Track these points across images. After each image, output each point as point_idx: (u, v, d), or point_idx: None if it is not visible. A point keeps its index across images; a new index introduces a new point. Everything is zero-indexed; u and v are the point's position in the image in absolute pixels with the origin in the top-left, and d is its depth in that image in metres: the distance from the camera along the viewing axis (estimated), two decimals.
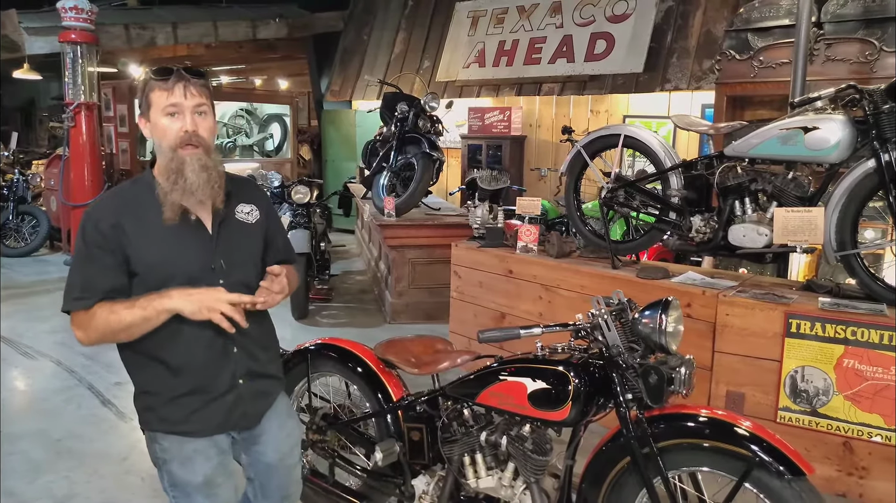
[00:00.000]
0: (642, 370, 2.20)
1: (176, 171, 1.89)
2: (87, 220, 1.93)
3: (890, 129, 3.18)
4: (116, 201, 1.97)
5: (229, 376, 2.04)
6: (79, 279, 1.91)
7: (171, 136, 1.90)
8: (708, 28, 7.76)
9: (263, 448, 2.21)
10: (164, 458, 2.04)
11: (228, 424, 2.08)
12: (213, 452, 2.06)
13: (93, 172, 8.69)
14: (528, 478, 2.41)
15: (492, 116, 9.56)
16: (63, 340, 5.63)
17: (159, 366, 1.99)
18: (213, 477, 2.05)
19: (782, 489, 2.06)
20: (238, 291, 1.94)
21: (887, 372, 3.18)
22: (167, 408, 2.00)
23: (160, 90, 1.91)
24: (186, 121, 1.90)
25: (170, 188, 1.90)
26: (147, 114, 1.95)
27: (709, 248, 3.80)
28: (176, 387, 1.99)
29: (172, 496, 2.08)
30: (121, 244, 1.90)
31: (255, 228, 2.13)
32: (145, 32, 9.88)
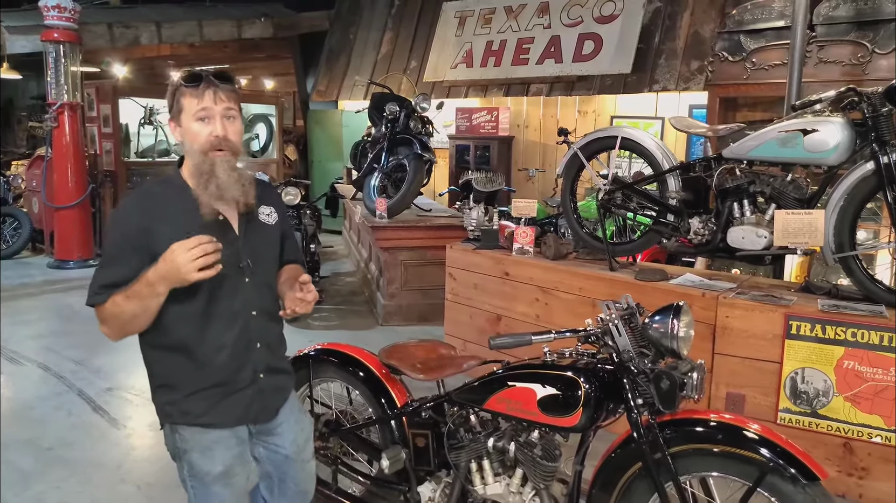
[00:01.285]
0: (654, 375, 2.18)
1: (207, 173, 1.96)
2: (116, 221, 2.04)
3: (888, 132, 3.20)
4: (146, 203, 2.03)
5: (251, 370, 2.11)
6: (101, 276, 1.98)
7: (201, 140, 1.97)
8: (695, 29, 7.80)
9: (281, 440, 2.25)
10: (183, 449, 2.09)
11: (248, 417, 2.14)
12: (234, 442, 2.12)
13: (76, 173, 8.59)
14: (538, 484, 2.39)
15: (479, 117, 9.55)
16: (49, 345, 5.54)
17: (184, 361, 2.04)
18: (231, 466, 2.10)
19: (796, 494, 2.06)
20: (262, 290, 2.13)
21: (887, 373, 3.20)
22: (189, 401, 2.06)
23: (191, 96, 1.97)
24: (216, 125, 1.98)
25: (202, 190, 1.97)
26: (178, 118, 2.01)
27: (707, 250, 3.80)
28: (199, 380, 2.05)
29: (191, 486, 2.11)
30: (148, 245, 1.94)
31: (274, 230, 2.22)
32: (129, 31, 9.76)
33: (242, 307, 2.07)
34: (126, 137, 9.95)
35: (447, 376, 2.69)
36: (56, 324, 6.16)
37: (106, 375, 4.92)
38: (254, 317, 2.11)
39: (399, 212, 6.23)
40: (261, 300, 2.14)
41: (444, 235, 5.93)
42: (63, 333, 5.89)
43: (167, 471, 3.52)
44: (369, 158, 6.69)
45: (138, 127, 10.20)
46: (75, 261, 8.58)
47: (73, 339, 5.71)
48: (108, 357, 5.35)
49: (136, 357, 5.43)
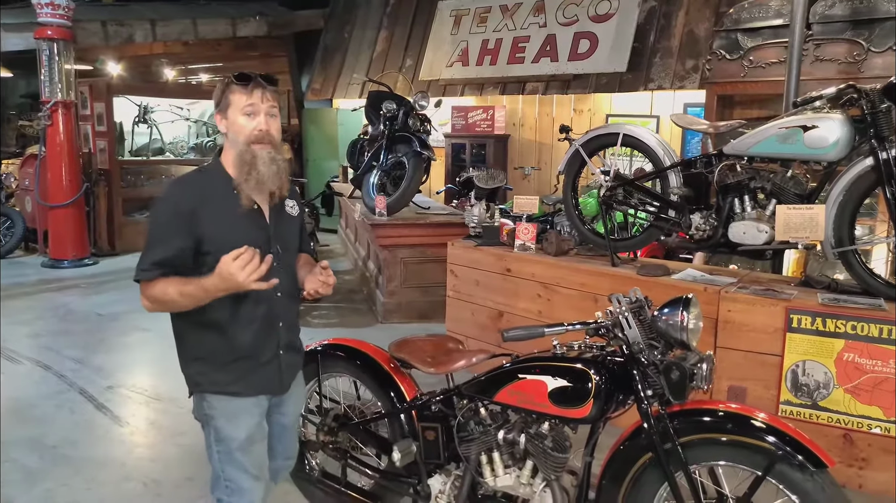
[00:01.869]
0: (664, 366, 2.21)
1: (249, 163, 2.15)
2: (166, 202, 2.19)
3: (887, 128, 3.25)
4: (193, 188, 2.21)
5: (274, 347, 2.33)
6: (150, 254, 2.14)
7: (246, 133, 2.16)
8: (690, 28, 7.85)
9: (286, 410, 2.49)
10: (210, 415, 2.28)
11: (269, 388, 2.35)
12: (256, 412, 2.32)
13: (71, 172, 8.56)
14: (549, 475, 2.42)
15: (475, 115, 9.58)
16: (48, 344, 5.53)
17: (217, 336, 2.23)
18: (253, 433, 2.30)
19: (805, 482, 2.09)
20: (286, 273, 2.33)
21: (886, 365, 3.25)
22: (219, 372, 2.26)
23: (240, 93, 2.17)
24: (261, 120, 2.17)
25: (243, 180, 2.16)
26: (225, 112, 2.20)
27: (709, 245, 3.84)
28: (229, 353, 2.25)
29: (217, 451, 2.30)
30: (194, 227, 2.13)
31: (296, 220, 2.44)
32: (123, 29, 9.73)
33: (271, 289, 2.18)
34: (120, 136, 9.90)
35: (457, 370, 2.71)
36: (53, 324, 6.15)
37: (106, 373, 4.92)
38: (278, 298, 2.30)
39: (398, 209, 6.25)
40: (285, 282, 2.31)
41: (444, 233, 5.95)
42: (61, 332, 5.88)
43: (173, 469, 3.56)
44: (368, 156, 6.70)
45: (132, 125, 10.14)
46: (70, 261, 8.56)
47: (72, 338, 5.71)
48: (107, 355, 5.36)
49: (135, 355, 5.45)
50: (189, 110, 10.84)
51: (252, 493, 2.31)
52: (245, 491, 2.29)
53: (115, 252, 9.36)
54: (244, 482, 2.29)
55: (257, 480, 2.33)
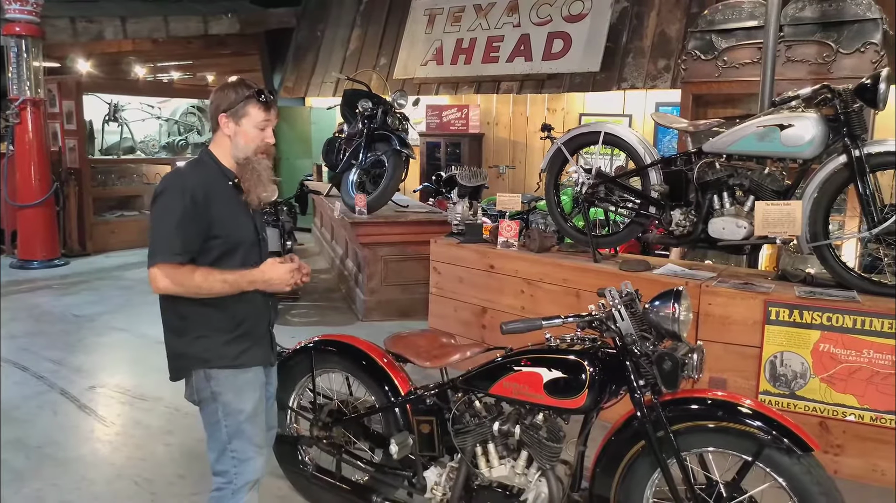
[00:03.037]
0: (656, 357, 2.28)
1: (254, 169, 2.41)
2: (180, 189, 2.30)
3: (859, 127, 3.39)
4: (200, 178, 2.37)
5: (267, 323, 2.57)
6: (174, 239, 2.26)
7: (256, 143, 2.41)
8: (662, 28, 8.01)
9: (272, 380, 2.68)
10: (218, 391, 2.42)
11: (265, 360, 2.56)
12: (258, 384, 2.51)
13: (40, 171, 8.43)
14: (544, 464, 2.48)
15: (450, 114, 9.64)
16: (24, 346, 5.45)
17: (223, 314, 2.40)
18: (258, 405, 2.49)
19: (792, 465, 2.18)
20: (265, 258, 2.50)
21: (860, 354, 3.38)
22: (226, 347, 2.42)
23: (260, 109, 2.39)
24: (269, 134, 2.44)
25: (252, 185, 2.41)
26: (238, 120, 2.39)
27: (689, 241, 3.95)
28: (234, 329, 2.43)
29: (225, 425, 2.43)
30: (208, 212, 2.31)
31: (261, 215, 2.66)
32: (93, 26, 9.59)
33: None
34: (90, 134, 9.75)
35: (453, 363, 2.76)
36: (28, 325, 6.05)
37: (87, 374, 4.87)
38: None
39: (378, 208, 6.27)
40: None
41: (424, 231, 6.00)
42: (36, 333, 5.80)
43: (163, 467, 3.55)
44: (347, 155, 6.70)
45: (103, 124, 10.00)
46: (39, 261, 8.42)
47: (48, 339, 5.64)
48: (86, 356, 5.31)
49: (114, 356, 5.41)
50: (160, 108, 10.73)
51: (257, 462, 2.47)
52: (251, 460, 2.45)
53: (85, 252, 9.23)
54: (250, 451, 2.45)
55: (261, 449, 2.51)
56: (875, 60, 4.88)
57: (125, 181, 10.18)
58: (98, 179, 9.74)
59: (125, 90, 10.51)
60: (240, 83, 2.43)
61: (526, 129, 9.43)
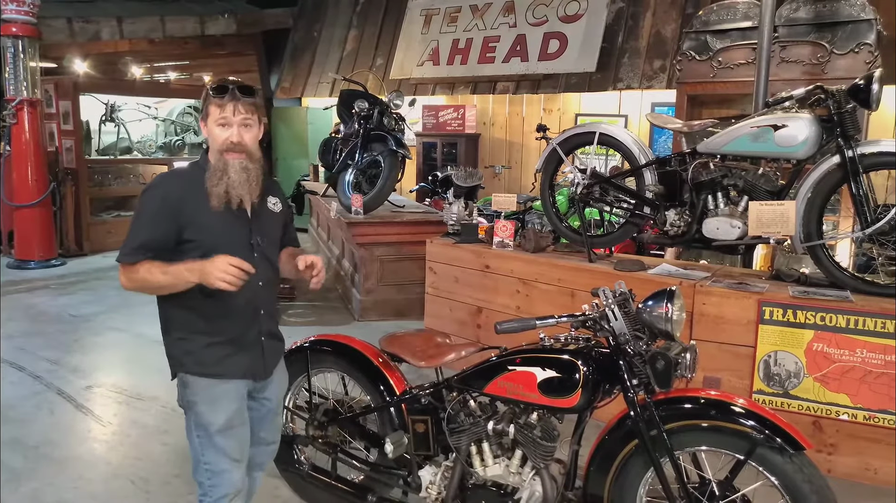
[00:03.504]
0: (650, 356, 2.30)
1: (221, 170, 2.29)
2: (155, 190, 2.31)
3: (852, 127, 3.40)
4: (181, 180, 2.36)
5: (256, 332, 2.44)
6: (135, 237, 2.26)
7: (219, 143, 2.30)
8: (657, 29, 8.03)
9: (269, 395, 2.57)
10: (193, 401, 2.37)
11: (251, 372, 2.44)
12: (235, 396, 2.40)
13: (37, 171, 8.43)
14: (538, 463, 2.50)
15: (446, 114, 9.66)
16: (21, 346, 5.45)
17: (201, 318, 2.35)
18: (232, 418, 2.38)
19: (784, 464, 2.20)
20: (266, 265, 2.44)
21: (853, 354, 3.40)
22: (206, 351, 2.35)
23: (215, 104, 2.28)
24: (233, 132, 2.29)
25: (216, 182, 2.28)
26: (205, 120, 2.34)
27: (683, 241, 3.96)
28: (213, 335, 2.36)
29: (196, 436, 2.39)
30: (179, 215, 2.26)
31: (279, 217, 2.56)
32: (90, 26, 9.59)
33: (252, 277, 2.27)
34: (87, 135, 9.75)
35: (448, 363, 2.77)
36: (25, 325, 6.05)
37: (84, 374, 4.88)
38: (260, 287, 2.41)
39: (374, 208, 6.29)
40: (266, 273, 2.44)
41: (420, 231, 6.01)
42: (33, 333, 5.80)
43: (159, 466, 3.56)
44: (343, 155, 6.72)
45: (99, 124, 10.00)
46: (36, 262, 8.41)
47: (45, 339, 5.64)
48: (83, 356, 5.31)
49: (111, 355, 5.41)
50: (157, 109, 10.73)
51: (232, 475, 2.40)
52: (224, 473, 2.39)
53: (82, 252, 9.22)
54: (223, 464, 2.38)
55: (237, 463, 2.41)
56: (869, 61, 4.90)
57: (122, 181, 10.17)
58: (95, 179, 9.73)
59: (122, 90, 10.50)
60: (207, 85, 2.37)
61: (522, 130, 9.45)
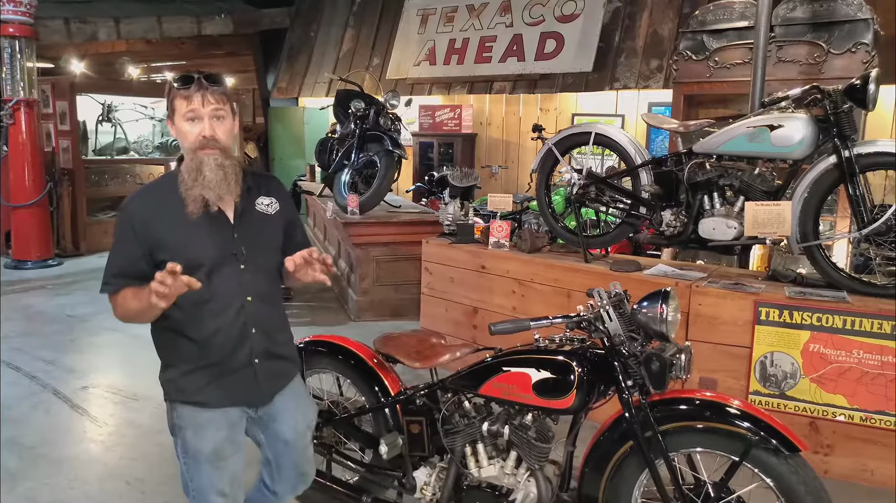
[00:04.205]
0: (644, 357, 2.29)
1: (196, 169, 2.08)
2: (122, 213, 2.15)
3: (849, 127, 3.39)
4: (151, 196, 2.18)
5: (246, 354, 2.19)
6: (110, 265, 2.13)
7: (190, 139, 2.09)
8: (654, 29, 8.02)
9: (281, 426, 2.34)
10: (179, 426, 2.20)
11: (241, 399, 2.23)
12: (223, 424, 2.20)
13: (34, 171, 8.42)
14: (533, 464, 2.49)
15: (443, 114, 9.65)
16: (17, 346, 5.44)
17: (184, 341, 2.16)
18: (221, 447, 2.19)
19: (779, 465, 2.19)
20: (260, 275, 2.21)
21: (850, 355, 3.39)
22: (185, 378, 2.17)
23: (182, 98, 2.08)
24: (205, 126, 2.08)
25: (191, 184, 2.08)
26: (172, 117, 2.13)
27: (679, 241, 3.95)
28: (195, 360, 2.16)
29: (184, 462, 2.23)
30: (148, 237, 2.09)
31: (275, 219, 2.29)
32: (86, 27, 9.57)
33: (236, 292, 2.14)
34: (84, 135, 9.74)
35: (442, 364, 2.76)
36: (21, 325, 6.04)
37: (80, 374, 4.87)
38: (249, 303, 2.18)
39: (370, 208, 6.28)
40: (257, 286, 2.20)
41: (416, 231, 6.00)
42: (29, 333, 5.79)
43: (155, 467, 3.56)
44: (339, 155, 6.71)
45: (96, 124, 10.00)
46: (33, 262, 8.40)
47: (41, 339, 5.63)
48: (79, 356, 5.30)
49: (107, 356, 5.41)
50: (153, 109, 10.71)
51: None
52: None
53: (79, 253, 9.21)
54: (211, 496, 2.20)
55: (223, 496, 2.21)
56: (866, 61, 4.90)
57: (119, 181, 10.14)
58: (91, 180, 9.70)
59: (119, 90, 10.50)
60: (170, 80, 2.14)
61: (519, 130, 9.45)
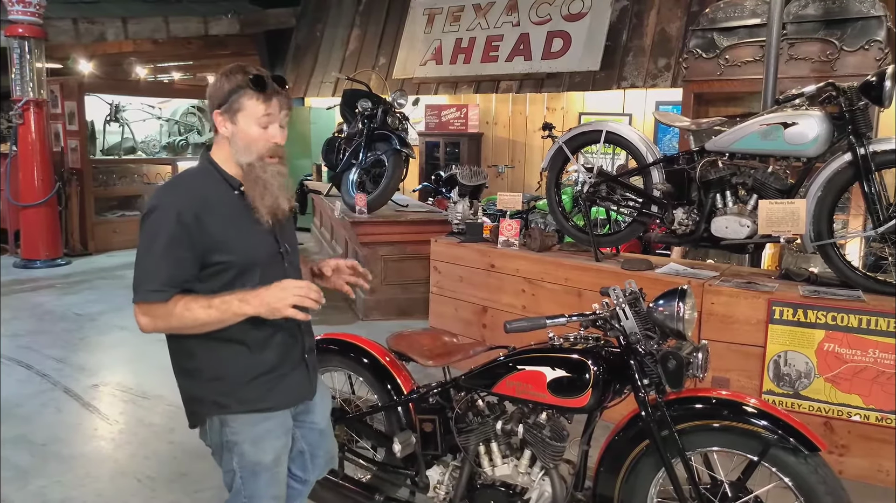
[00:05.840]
0: (661, 356, 2.27)
1: (263, 180, 2.00)
2: (165, 211, 1.93)
3: (864, 125, 3.36)
4: (192, 193, 2.00)
5: (300, 352, 2.20)
6: (156, 270, 1.91)
7: (260, 146, 2.00)
8: (662, 27, 7.99)
9: (316, 416, 2.37)
10: (234, 441, 2.10)
11: (300, 396, 2.24)
12: (282, 431, 2.18)
13: (43, 171, 8.45)
14: (547, 463, 2.47)
15: (449, 114, 9.64)
16: (27, 344, 5.44)
17: (239, 349, 2.05)
18: (280, 455, 2.18)
19: (798, 465, 2.17)
20: (296, 273, 2.20)
21: (865, 354, 3.36)
22: (246, 388, 2.08)
23: (256, 100, 1.96)
24: (277, 134, 2.03)
25: (259, 198, 2.01)
26: (233, 116, 1.99)
27: (691, 240, 3.93)
28: (255, 366, 2.08)
29: (240, 476, 2.13)
30: (201, 237, 1.94)
31: (291, 218, 2.30)
32: (94, 27, 9.60)
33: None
34: (92, 135, 9.78)
35: (456, 362, 2.75)
36: (31, 324, 6.05)
37: (90, 372, 4.87)
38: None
39: (378, 207, 6.27)
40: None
41: (424, 230, 6.00)
42: (39, 332, 5.80)
43: (166, 465, 3.55)
44: (347, 154, 6.70)
45: (104, 124, 10.04)
46: (42, 261, 8.43)
47: (51, 338, 5.64)
48: (89, 354, 5.31)
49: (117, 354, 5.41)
50: (161, 109, 10.75)
51: None
52: None
53: (87, 252, 9.25)
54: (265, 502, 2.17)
55: (277, 500, 2.21)
56: (879, 58, 4.86)
57: (126, 181, 10.18)
58: (99, 179, 9.75)
59: (126, 91, 10.54)
60: (235, 70, 1.98)
61: (525, 129, 9.43)
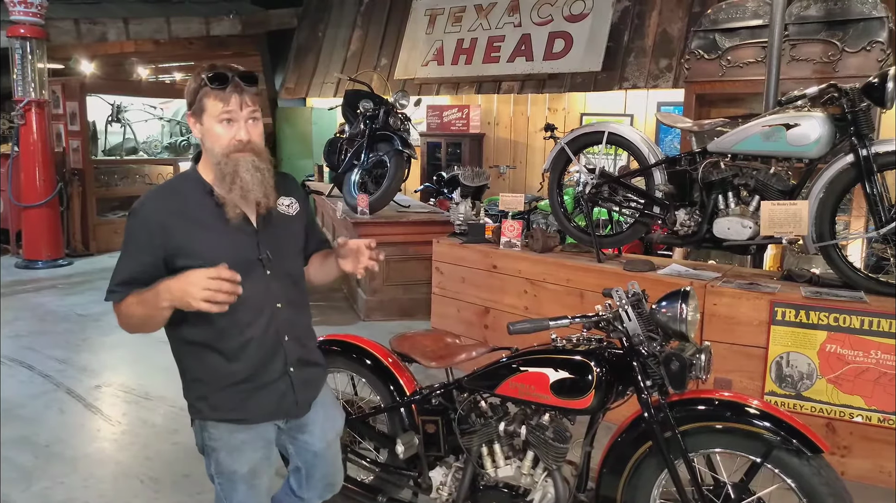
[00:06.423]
0: (664, 357, 2.27)
1: (231, 174, 1.95)
2: (135, 216, 1.98)
3: (866, 126, 3.37)
4: (167, 198, 2.01)
5: (281, 364, 2.11)
6: (117, 272, 1.98)
7: (224, 143, 1.95)
8: (664, 28, 8.00)
9: (310, 437, 2.27)
10: (212, 447, 2.09)
11: (280, 412, 2.15)
12: (260, 444, 2.13)
13: (45, 171, 8.46)
14: (550, 465, 2.48)
15: (450, 114, 9.65)
16: (29, 345, 5.45)
17: (215, 355, 2.03)
18: (257, 467, 2.12)
19: (801, 467, 2.17)
20: (284, 281, 2.10)
21: (867, 355, 3.36)
22: (220, 395, 2.05)
23: (215, 98, 1.93)
24: (241, 130, 1.96)
25: (227, 191, 1.97)
26: (199, 117, 1.98)
27: (693, 241, 3.93)
28: (230, 374, 2.04)
29: (218, 482, 2.14)
30: (166, 242, 1.94)
31: (296, 220, 2.21)
32: (96, 28, 9.60)
33: (265, 299, 2.04)
34: (93, 135, 9.79)
35: (458, 363, 2.75)
36: (33, 324, 6.06)
37: (92, 373, 4.88)
38: (279, 310, 2.09)
39: (380, 208, 6.28)
40: (285, 292, 2.12)
41: (426, 231, 6.00)
42: (41, 333, 5.81)
43: (169, 466, 3.56)
44: (349, 155, 6.71)
45: (106, 125, 10.04)
46: (44, 261, 8.44)
47: (53, 338, 5.64)
48: (91, 355, 5.31)
49: (120, 355, 5.41)
50: (162, 109, 10.76)
51: None
52: None
53: (89, 252, 9.26)
54: None
55: None
56: (881, 59, 4.86)
57: (128, 181, 10.18)
58: (101, 180, 9.75)
59: (128, 91, 10.55)
60: (202, 69, 1.96)
61: (527, 129, 9.44)
